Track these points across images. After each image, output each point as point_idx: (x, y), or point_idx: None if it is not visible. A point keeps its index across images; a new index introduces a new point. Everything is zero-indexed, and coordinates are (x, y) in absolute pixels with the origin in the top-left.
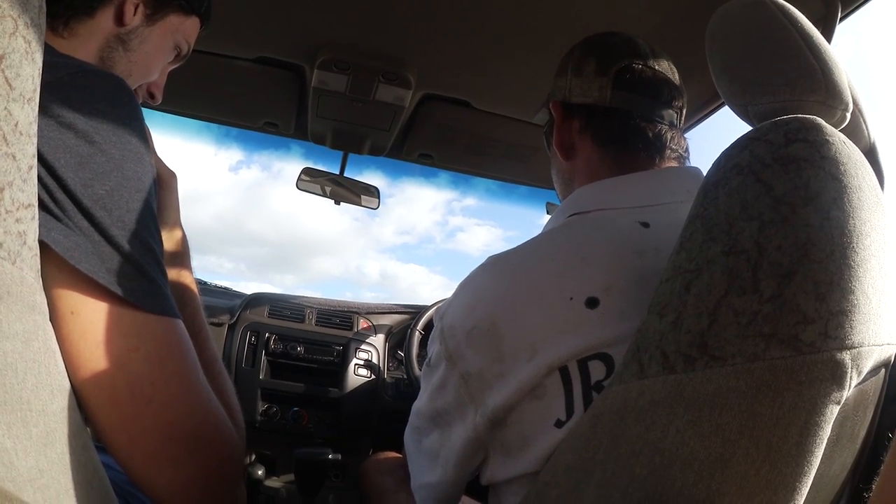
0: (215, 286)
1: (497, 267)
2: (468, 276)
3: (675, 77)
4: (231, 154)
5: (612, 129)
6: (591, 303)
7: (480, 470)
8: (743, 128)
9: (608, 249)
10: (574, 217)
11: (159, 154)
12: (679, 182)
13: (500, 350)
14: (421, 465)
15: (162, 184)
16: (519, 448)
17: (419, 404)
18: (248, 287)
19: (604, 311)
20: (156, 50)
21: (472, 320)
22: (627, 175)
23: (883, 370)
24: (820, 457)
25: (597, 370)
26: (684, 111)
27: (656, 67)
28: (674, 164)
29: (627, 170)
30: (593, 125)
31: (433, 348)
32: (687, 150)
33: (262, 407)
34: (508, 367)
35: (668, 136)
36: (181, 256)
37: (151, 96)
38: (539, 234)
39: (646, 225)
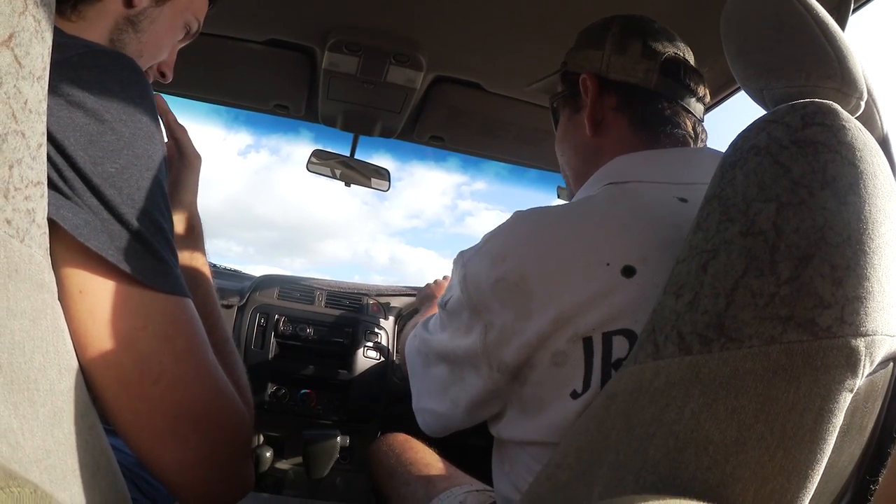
0: (225, 269)
1: (531, 221)
2: (497, 227)
3: (702, 72)
4: (240, 138)
5: (653, 112)
6: (628, 271)
7: (492, 422)
8: (745, 117)
9: (647, 220)
10: (611, 185)
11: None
12: (712, 161)
13: (528, 307)
14: (426, 388)
15: (187, 163)
16: (535, 409)
17: (432, 337)
18: (257, 270)
19: (639, 281)
20: (166, 30)
21: (500, 271)
22: (665, 149)
23: (892, 363)
24: (832, 445)
25: (619, 347)
26: (707, 106)
27: (691, 62)
28: None
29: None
30: (632, 105)
31: (453, 294)
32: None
33: (270, 389)
34: (532, 324)
35: (699, 129)
36: (195, 237)
37: (162, 75)
38: (575, 200)
39: (684, 200)
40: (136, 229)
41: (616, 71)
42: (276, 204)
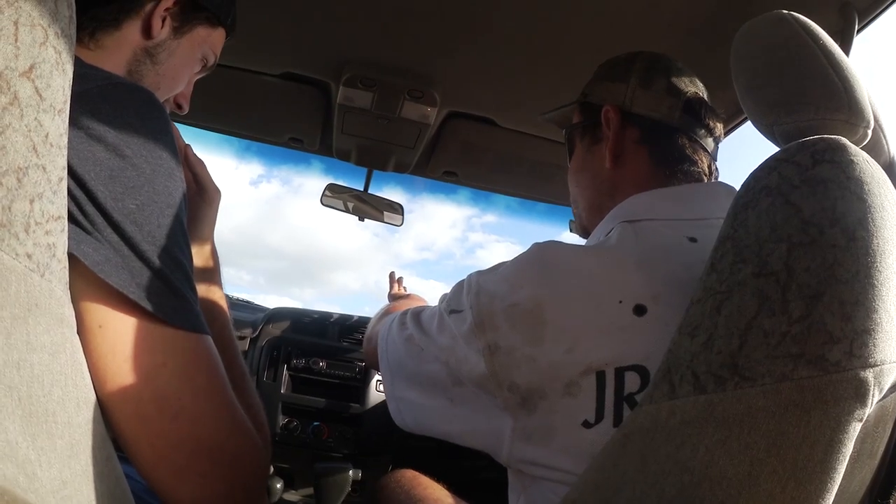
0: (237, 299)
1: (550, 253)
2: (518, 256)
3: (719, 111)
4: (252, 168)
5: (673, 148)
6: (639, 310)
7: (495, 453)
8: (746, 144)
9: (659, 260)
10: (626, 224)
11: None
12: (723, 197)
13: (540, 334)
14: (405, 380)
15: (207, 199)
16: (543, 437)
17: (428, 337)
18: (267, 300)
19: (650, 319)
20: (183, 62)
21: (516, 296)
22: (678, 186)
23: None
24: (842, 473)
25: (631, 382)
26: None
27: (710, 103)
28: None
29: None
30: (654, 140)
31: (460, 307)
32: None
33: (282, 421)
34: (544, 352)
35: (713, 167)
36: (212, 271)
37: (178, 107)
38: (591, 240)
39: (693, 240)
40: (156, 266)
41: (639, 105)
42: (286, 234)
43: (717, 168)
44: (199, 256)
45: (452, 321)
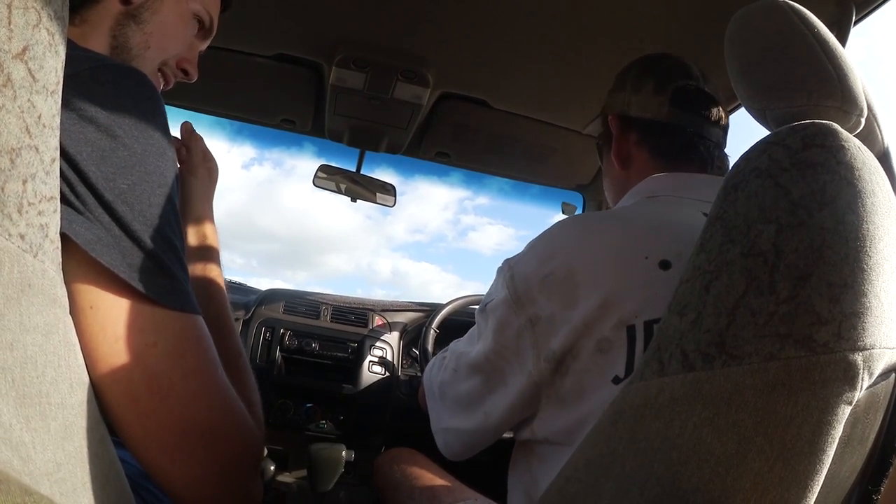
0: (230, 282)
1: (575, 223)
2: (542, 233)
3: (720, 98)
4: (244, 151)
5: (668, 142)
6: (664, 265)
7: (525, 424)
8: (744, 130)
9: (678, 225)
10: (645, 199)
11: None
12: None
13: (575, 296)
14: (452, 407)
15: (210, 175)
16: (575, 399)
17: (466, 349)
18: (259, 283)
19: (675, 274)
20: (171, 19)
21: (548, 268)
22: (689, 173)
23: (894, 375)
24: (831, 456)
25: None
26: (728, 130)
27: (706, 89)
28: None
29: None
30: (650, 138)
31: (495, 295)
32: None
33: (275, 402)
34: (579, 312)
35: (715, 154)
36: (210, 250)
37: (185, 73)
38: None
39: (706, 215)
40: (147, 246)
41: (634, 109)
42: (278, 216)
43: (722, 154)
44: (197, 235)
45: (489, 311)
